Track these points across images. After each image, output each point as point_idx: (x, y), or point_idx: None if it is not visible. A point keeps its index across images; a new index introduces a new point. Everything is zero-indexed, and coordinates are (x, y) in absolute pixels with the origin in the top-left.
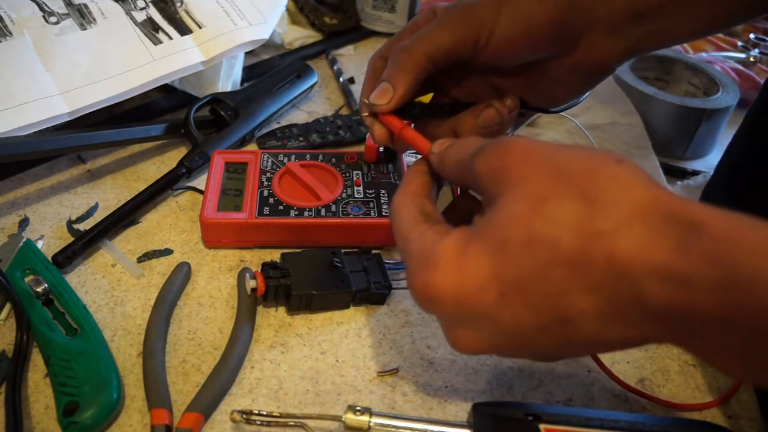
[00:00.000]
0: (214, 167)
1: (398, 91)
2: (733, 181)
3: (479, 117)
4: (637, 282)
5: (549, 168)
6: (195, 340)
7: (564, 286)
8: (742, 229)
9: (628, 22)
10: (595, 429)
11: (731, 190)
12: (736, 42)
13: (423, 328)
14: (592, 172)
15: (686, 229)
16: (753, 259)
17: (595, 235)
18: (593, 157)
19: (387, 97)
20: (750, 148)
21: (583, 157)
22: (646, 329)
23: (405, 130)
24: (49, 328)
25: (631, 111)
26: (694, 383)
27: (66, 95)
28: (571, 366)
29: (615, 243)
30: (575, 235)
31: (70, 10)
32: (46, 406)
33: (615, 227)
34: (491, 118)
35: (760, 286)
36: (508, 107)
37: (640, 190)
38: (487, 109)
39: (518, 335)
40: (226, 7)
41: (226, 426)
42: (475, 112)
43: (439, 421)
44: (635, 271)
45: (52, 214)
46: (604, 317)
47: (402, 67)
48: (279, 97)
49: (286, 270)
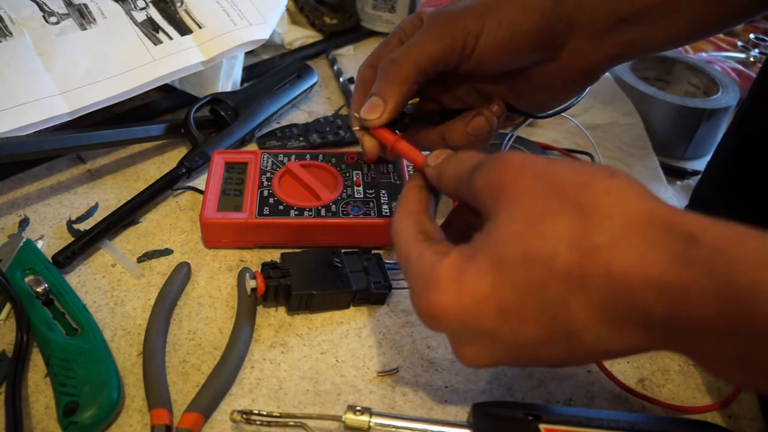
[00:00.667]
0: (214, 167)
1: (389, 105)
2: (722, 181)
3: (468, 125)
4: (635, 295)
5: (543, 184)
6: (195, 340)
7: (562, 301)
8: (739, 240)
9: (612, 28)
10: (595, 429)
11: (721, 190)
12: (736, 42)
13: (423, 328)
14: (585, 186)
15: (682, 241)
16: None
17: (591, 250)
18: (586, 171)
19: (378, 111)
20: (738, 148)
21: (575, 172)
22: (647, 339)
23: (398, 143)
24: (49, 328)
25: (631, 111)
26: (694, 383)
27: (66, 95)
28: (571, 366)
29: (611, 257)
30: (571, 250)
31: (70, 10)
32: (46, 406)
33: (611, 241)
34: (480, 126)
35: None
36: (495, 113)
37: (634, 202)
38: (477, 117)
39: (520, 348)
40: (226, 7)
41: (226, 426)
42: (465, 120)
43: (439, 421)
44: (633, 285)
45: (52, 214)
46: (605, 329)
47: (391, 80)
48: (279, 97)
49: (286, 270)
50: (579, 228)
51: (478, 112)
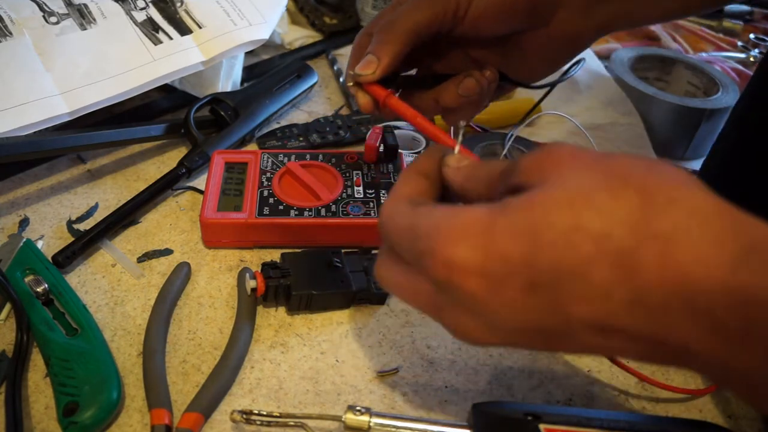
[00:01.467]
0: (214, 167)
1: (383, 62)
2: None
3: (459, 86)
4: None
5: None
6: (195, 340)
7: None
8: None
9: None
10: (595, 429)
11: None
12: (736, 42)
13: (423, 328)
14: (651, 170)
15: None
16: None
17: (650, 237)
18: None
19: (372, 67)
20: (735, 146)
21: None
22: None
23: (390, 98)
24: (49, 328)
25: (631, 111)
26: (694, 383)
27: (66, 95)
28: (571, 366)
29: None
30: (629, 233)
31: (70, 10)
32: (46, 406)
33: (673, 230)
34: (471, 86)
35: None
36: (488, 78)
37: (700, 193)
38: (467, 78)
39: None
40: (226, 7)
41: (226, 426)
42: (456, 82)
43: (439, 421)
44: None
45: (52, 214)
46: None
47: (386, 40)
48: (279, 97)
49: (286, 270)
50: (640, 210)
51: (468, 74)
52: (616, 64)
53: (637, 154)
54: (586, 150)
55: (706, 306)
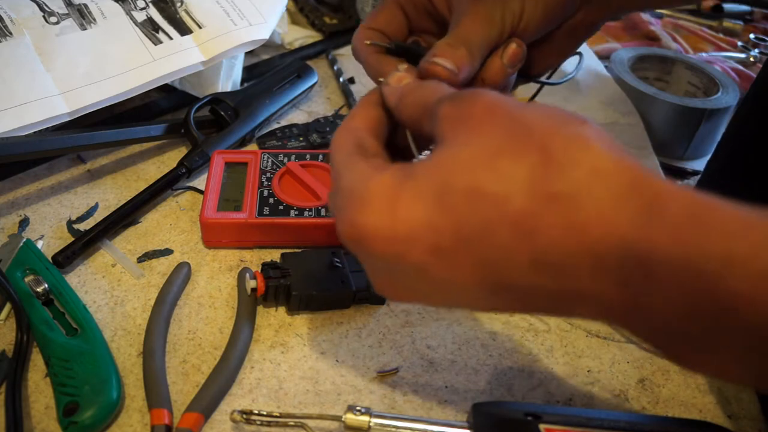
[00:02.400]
0: (214, 167)
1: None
2: (722, 181)
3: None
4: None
5: (511, 121)
6: (195, 340)
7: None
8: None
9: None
10: (595, 429)
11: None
12: (736, 42)
13: (423, 328)
14: (554, 130)
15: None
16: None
17: (550, 199)
18: (557, 116)
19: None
20: (739, 147)
21: (546, 116)
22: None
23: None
24: (49, 328)
25: (631, 111)
26: (694, 383)
27: (66, 95)
28: (571, 366)
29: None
30: (527, 195)
31: (70, 10)
32: (46, 406)
33: (573, 190)
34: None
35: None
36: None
37: (603, 152)
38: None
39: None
40: (226, 7)
41: (226, 426)
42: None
43: (439, 421)
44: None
45: (52, 214)
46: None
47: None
48: (279, 97)
49: (286, 270)
50: (540, 172)
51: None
52: (616, 64)
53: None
54: (502, 103)
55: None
